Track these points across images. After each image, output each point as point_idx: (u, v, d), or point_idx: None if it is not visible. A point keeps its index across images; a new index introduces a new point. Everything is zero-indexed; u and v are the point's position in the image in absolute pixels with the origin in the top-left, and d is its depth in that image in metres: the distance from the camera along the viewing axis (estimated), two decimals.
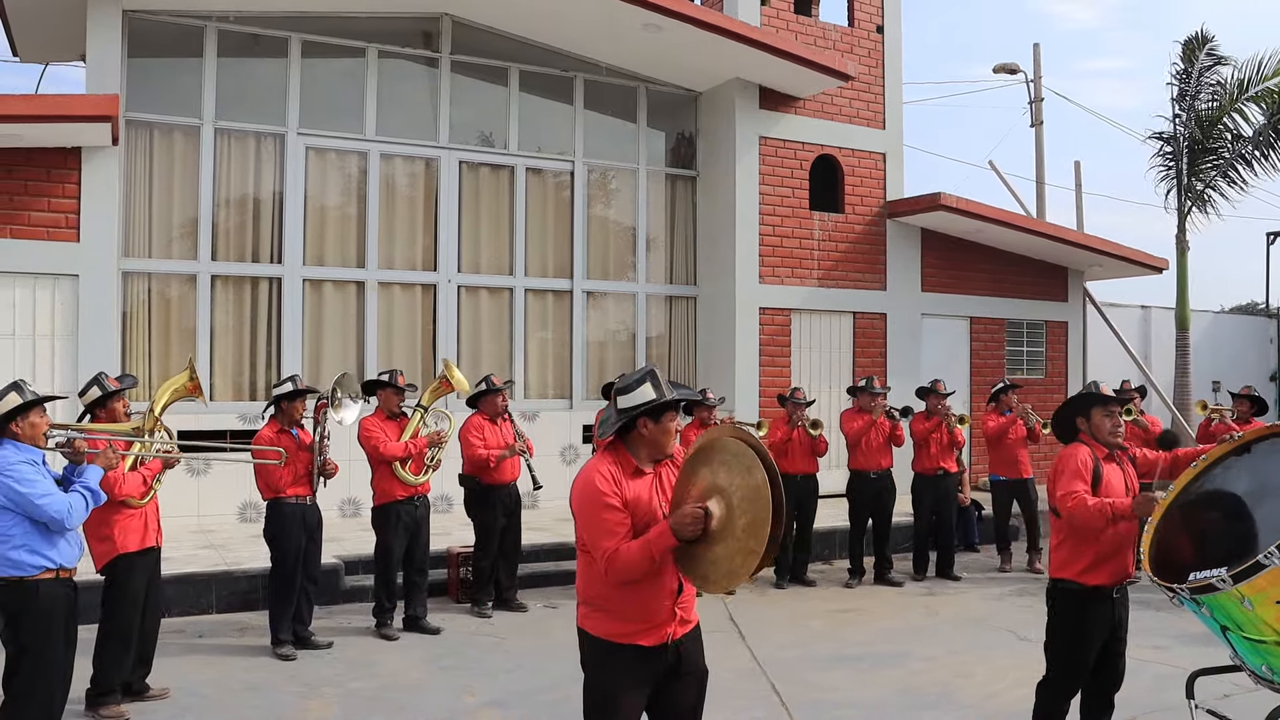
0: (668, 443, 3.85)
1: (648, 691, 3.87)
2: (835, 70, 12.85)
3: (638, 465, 3.84)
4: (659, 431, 3.82)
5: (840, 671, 7.20)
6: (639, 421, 3.82)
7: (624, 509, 3.74)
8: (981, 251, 15.06)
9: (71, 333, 10.20)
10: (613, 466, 3.81)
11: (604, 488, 3.74)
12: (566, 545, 10.36)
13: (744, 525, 3.48)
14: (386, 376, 8.18)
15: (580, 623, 3.92)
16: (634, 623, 3.79)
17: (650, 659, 3.81)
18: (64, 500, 4.82)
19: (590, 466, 3.86)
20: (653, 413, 3.81)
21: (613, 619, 3.82)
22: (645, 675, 3.83)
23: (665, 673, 3.85)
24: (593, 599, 3.88)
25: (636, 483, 3.81)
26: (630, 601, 3.78)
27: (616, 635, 3.80)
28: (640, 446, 3.85)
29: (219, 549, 9.64)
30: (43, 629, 4.81)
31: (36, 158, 10.01)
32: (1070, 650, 5.05)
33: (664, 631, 3.80)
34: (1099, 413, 5.14)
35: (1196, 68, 17.31)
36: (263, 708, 6.33)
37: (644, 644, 3.79)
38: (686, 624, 3.90)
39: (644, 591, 3.76)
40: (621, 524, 3.71)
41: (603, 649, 3.84)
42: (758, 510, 3.46)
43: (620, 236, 13.69)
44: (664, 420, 3.82)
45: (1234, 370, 20.84)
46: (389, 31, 12.27)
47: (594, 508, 3.73)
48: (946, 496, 10.55)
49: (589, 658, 3.91)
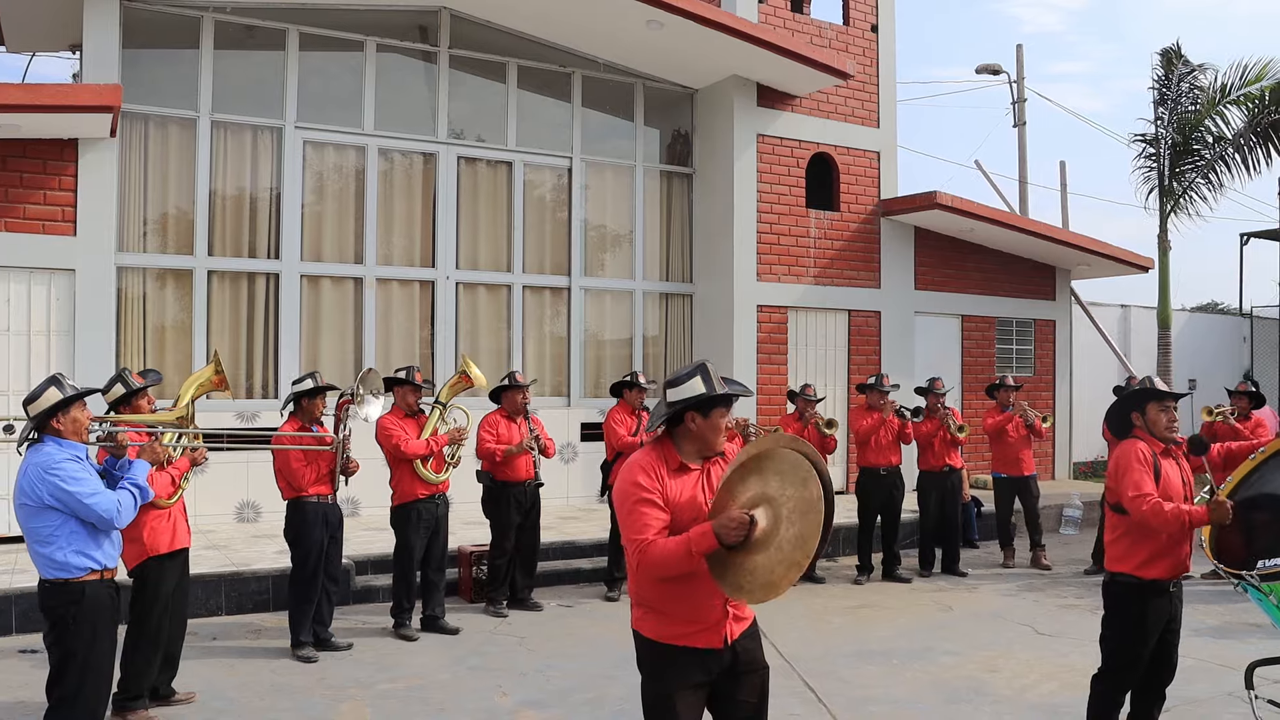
0: (716, 439, 3.75)
1: (706, 693, 3.78)
2: (835, 69, 12.86)
3: (683, 461, 3.74)
4: (707, 427, 3.72)
5: (870, 667, 7.19)
6: (687, 416, 3.74)
7: (663, 505, 3.64)
8: (973, 250, 15.14)
9: (68, 328, 9.99)
10: (656, 461, 3.72)
11: (643, 481, 3.65)
12: (573, 544, 10.33)
13: (792, 537, 3.40)
14: (404, 373, 8.05)
15: (635, 625, 3.83)
16: (687, 624, 3.69)
17: (707, 660, 3.72)
18: (112, 498, 4.67)
19: (633, 460, 3.77)
20: (701, 407, 3.72)
21: (666, 621, 3.73)
22: (702, 677, 3.73)
23: (723, 672, 3.75)
24: (645, 600, 3.78)
25: (680, 479, 3.71)
26: (682, 603, 3.68)
27: (670, 637, 3.71)
28: (687, 441, 3.76)
29: (222, 550, 9.47)
30: (89, 632, 4.66)
31: (33, 149, 9.79)
32: (1128, 644, 5.04)
33: (719, 632, 3.70)
34: (1155, 408, 5.14)
35: (1176, 74, 17.53)
36: (295, 711, 6.21)
37: (699, 646, 3.70)
38: (742, 621, 3.80)
39: (695, 592, 3.65)
40: (658, 519, 3.61)
41: (657, 652, 3.75)
42: (808, 524, 3.39)
43: (617, 234, 13.62)
44: (713, 416, 3.72)
45: (1209, 369, 21.14)
46: (387, 25, 12.13)
47: (631, 501, 3.64)
48: (953, 493, 10.59)
49: (644, 661, 3.81)
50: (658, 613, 3.74)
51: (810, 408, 10.01)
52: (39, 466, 4.54)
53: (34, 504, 4.55)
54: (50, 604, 4.66)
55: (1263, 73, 16.42)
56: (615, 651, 7.49)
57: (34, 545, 4.62)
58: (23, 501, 4.57)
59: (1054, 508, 13.10)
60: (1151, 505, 4.83)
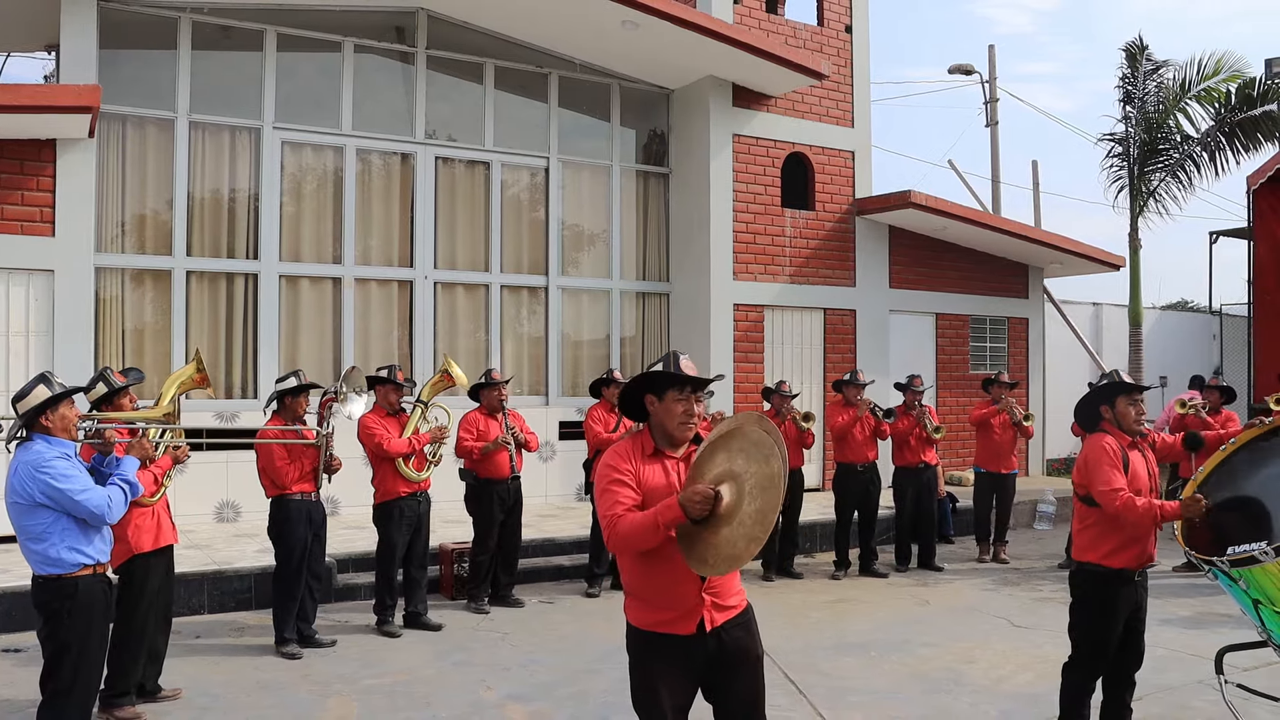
0: (672, 424, 3.79)
1: (692, 681, 3.82)
2: (810, 69, 12.99)
3: (658, 447, 3.83)
4: (663, 410, 3.80)
5: (848, 660, 7.30)
6: (646, 398, 3.84)
7: (635, 487, 3.72)
8: (947, 249, 15.31)
9: (47, 329, 9.97)
10: (632, 448, 3.82)
11: (617, 464, 3.76)
12: (553, 541, 10.40)
13: (753, 511, 3.46)
14: (385, 372, 8.10)
15: (625, 612, 3.92)
16: (665, 610, 3.76)
17: (687, 647, 3.75)
18: (103, 494, 4.72)
19: (611, 448, 3.88)
20: (655, 389, 3.82)
21: (646, 607, 3.81)
22: (684, 664, 3.78)
23: (709, 662, 3.79)
24: (630, 588, 3.88)
25: (653, 465, 3.79)
26: (656, 587, 3.76)
27: (651, 624, 3.79)
28: (657, 429, 3.85)
29: (203, 549, 9.49)
30: (83, 626, 4.72)
31: (10, 150, 9.77)
32: (1096, 631, 5.16)
33: (695, 618, 3.74)
34: (1124, 401, 5.27)
35: (1141, 72, 17.75)
36: (281, 707, 6.25)
37: (678, 633, 3.75)
38: (726, 610, 3.81)
39: (667, 577, 3.72)
40: (629, 497, 3.69)
41: (640, 638, 3.84)
42: (769, 498, 3.46)
43: (594, 233, 13.70)
44: (667, 399, 3.79)
45: (1179, 366, 21.39)
46: (364, 25, 12.17)
47: (605, 482, 3.74)
48: (928, 488, 10.72)
49: (630, 647, 3.90)
50: (639, 600, 3.83)
51: (786, 403, 10.12)
52: (29, 465, 4.58)
53: (25, 502, 4.59)
54: (44, 599, 4.71)
55: (1219, 67, 16.62)
56: (598, 646, 7.59)
57: (27, 542, 4.67)
58: (14, 500, 4.61)
59: (1028, 503, 13.28)
60: (1125, 500, 4.96)
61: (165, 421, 5.62)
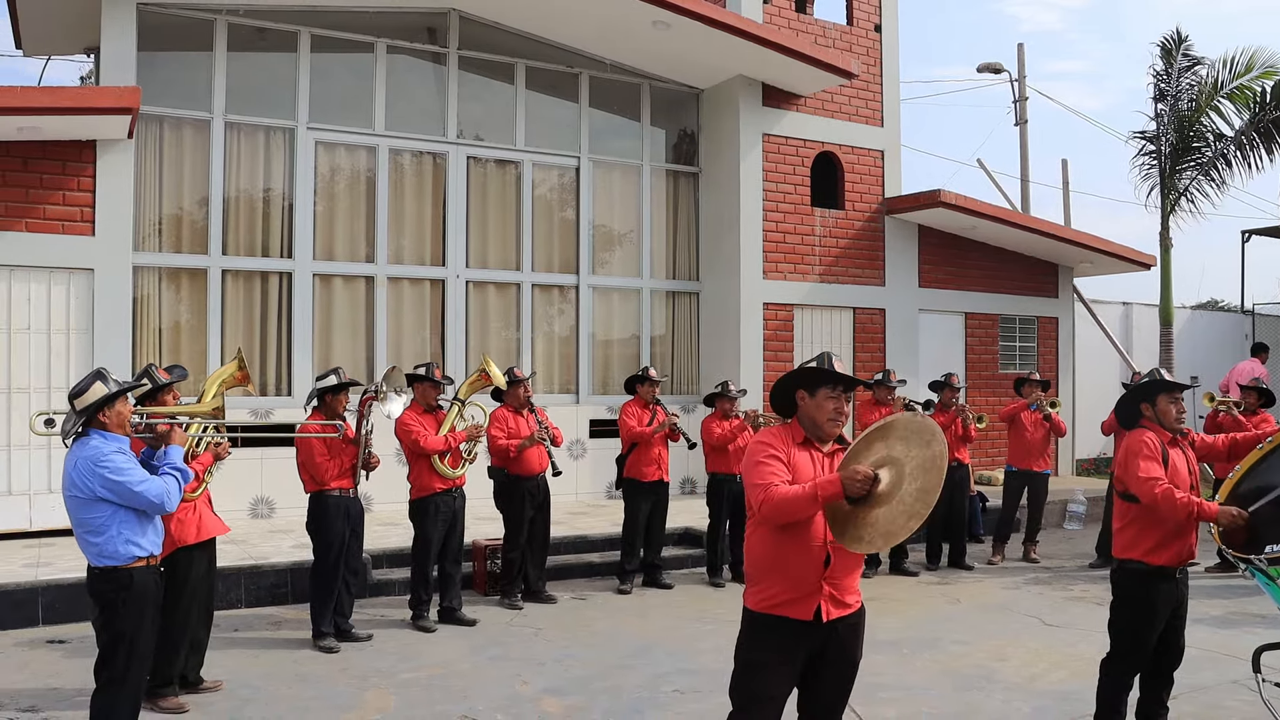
0: (822, 419, 3.95)
1: (796, 670, 3.89)
2: (840, 68, 13.01)
3: (806, 436, 3.98)
4: (813, 406, 3.97)
5: (880, 656, 7.31)
6: (797, 394, 4.01)
7: (786, 464, 3.85)
8: (976, 248, 15.29)
9: (86, 327, 10.12)
10: (784, 434, 3.98)
11: (770, 442, 3.92)
12: (584, 538, 10.46)
13: (915, 490, 3.61)
14: (423, 370, 8.18)
15: (743, 599, 4.02)
16: (782, 590, 3.84)
17: (800, 634, 3.84)
18: (160, 484, 4.84)
19: (763, 431, 4.08)
20: (809, 384, 3.98)
21: (764, 589, 3.90)
22: (794, 651, 3.86)
23: (814, 656, 3.87)
24: (752, 571, 3.98)
25: (803, 453, 3.93)
26: (780, 566, 3.84)
27: (768, 607, 3.87)
28: (805, 421, 4.00)
29: (239, 544, 9.60)
30: (137, 616, 4.83)
31: (52, 151, 9.93)
32: (1136, 628, 5.17)
33: (812, 603, 3.82)
34: (1165, 399, 5.29)
35: (1175, 68, 17.65)
36: (321, 699, 6.34)
37: (793, 616, 3.83)
38: (844, 607, 3.90)
39: (793, 558, 3.82)
40: (781, 472, 3.81)
41: (754, 620, 3.95)
42: (930, 479, 3.61)
43: (624, 232, 13.77)
44: (819, 395, 3.95)
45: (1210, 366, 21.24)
46: (397, 26, 12.28)
47: (758, 457, 3.87)
48: (959, 487, 10.71)
49: (742, 631, 4.01)
50: (757, 583, 3.94)
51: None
52: (88, 460, 4.69)
53: (85, 495, 4.70)
54: (100, 588, 4.83)
55: (1251, 63, 16.51)
56: (631, 642, 7.65)
57: (85, 535, 4.78)
58: (73, 494, 4.72)
59: (1058, 503, 13.24)
60: (1164, 490, 4.97)
61: (214, 416, 5.73)
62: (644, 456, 9.45)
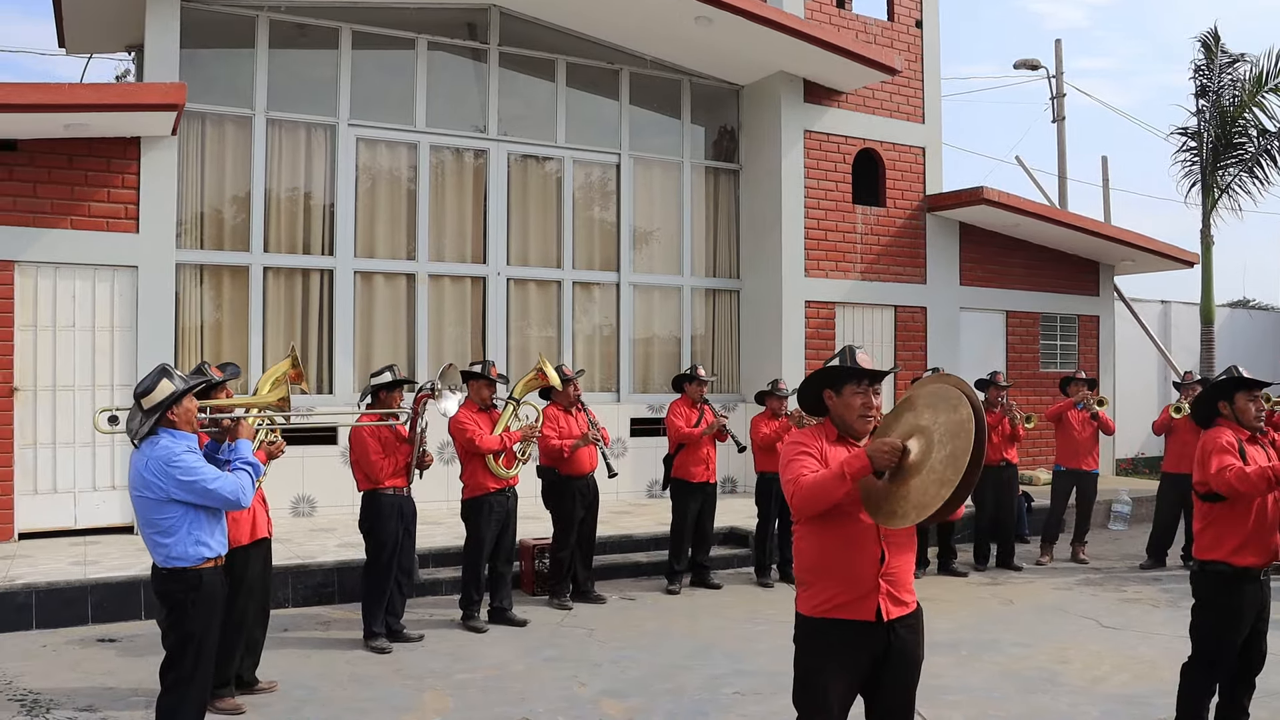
0: (852, 417, 3.85)
1: (859, 678, 3.75)
2: (883, 64, 12.88)
3: (840, 434, 3.90)
4: (841, 404, 3.87)
5: (940, 658, 7.18)
6: (824, 394, 3.92)
7: (820, 460, 3.76)
8: (1017, 246, 15.13)
9: (130, 324, 10.09)
10: (819, 432, 3.91)
11: (803, 440, 3.85)
12: (630, 538, 10.37)
13: (944, 457, 3.44)
14: (480, 368, 8.10)
15: (796, 605, 3.89)
16: (838, 591, 3.71)
17: (860, 636, 3.69)
18: (233, 480, 4.77)
19: (798, 430, 4.03)
20: (833, 383, 3.88)
21: (818, 592, 3.77)
22: (855, 655, 3.71)
23: (877, 659, 3.73)
24: (803, 574, 3.86)
25: (838, 449, 3.83)
26: (832, 566, 3.72)
27: (823, 610, 3.74)
28: (836, 420, 3.91)
29: (284, 543, 9.55)
30: (205, 617, 4.78)
31: (97, 148, 9.90)
32: (1221, 632, 5.05)
33: (871, 603, 3.68)
34: (1243, 397, 5.21)
35: (1217, 63, 17.43)
36: (377, 700, 6.28)
37: (851, 618, 3.69)
38: (901, 606, 3.76)
39: (844, 554, 3.70)
40: (812, 465, 3.72)
41: (810, 626, 3.80)
42: (959, 443, 3.42)
43: (665, 230, 13.66)
44: (845, 393, 3.85)
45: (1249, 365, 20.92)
46: (437, 23, 12.22)
47: (792, 453, 3.79)
48: (1008, 487, 10.58)
49: (798, 638, 3.86)
50: (810, 586, 3.81)
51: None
52: (160, 460, 4.61)
53: (157, 496, 4.63)
54: (168, 589, 4.76)
55: None
56: (686, 643, 7.56)
57: (154, 535, 4.70)
58: (142, 494, 4.64)
59: (1103, 503, 13.06)
60: (1236, 471, 4.88)
61: (279, 408, 5.68)
62: (692, 456, 9.36)
